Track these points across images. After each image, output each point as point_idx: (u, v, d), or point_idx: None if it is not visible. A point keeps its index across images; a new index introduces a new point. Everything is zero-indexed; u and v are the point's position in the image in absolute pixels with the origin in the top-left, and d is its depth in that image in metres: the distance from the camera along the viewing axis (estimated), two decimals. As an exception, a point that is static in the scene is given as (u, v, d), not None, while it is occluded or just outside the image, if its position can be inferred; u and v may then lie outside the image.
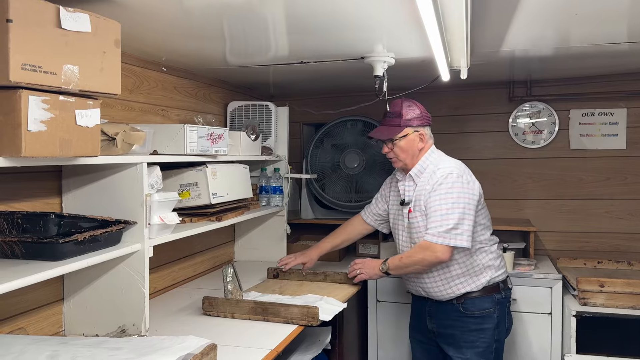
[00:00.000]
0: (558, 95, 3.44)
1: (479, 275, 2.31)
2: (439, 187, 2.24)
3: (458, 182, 2.23)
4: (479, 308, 2.31)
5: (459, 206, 2.19)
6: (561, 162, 3.47)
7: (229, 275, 2.32)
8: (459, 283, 2.31)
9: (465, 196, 2.22)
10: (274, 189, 3.15)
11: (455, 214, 2.18)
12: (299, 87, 3.51)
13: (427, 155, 2.38)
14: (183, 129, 2.11)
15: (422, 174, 2.36)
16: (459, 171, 2.28)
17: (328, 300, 2.31)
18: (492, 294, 2.33)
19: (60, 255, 1.58)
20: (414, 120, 2.36)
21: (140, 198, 1.88)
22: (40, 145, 1.33)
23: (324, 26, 1.93)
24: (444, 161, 2.36)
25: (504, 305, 2.38)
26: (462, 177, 2.26)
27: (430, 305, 2.41)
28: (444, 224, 2.18)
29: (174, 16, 1.82)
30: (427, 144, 2.39)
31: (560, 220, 3.46)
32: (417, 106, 2.39)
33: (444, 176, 2.25)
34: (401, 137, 2.35)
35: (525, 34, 2.16)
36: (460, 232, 2.18)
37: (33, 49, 1.27)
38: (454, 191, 2.22)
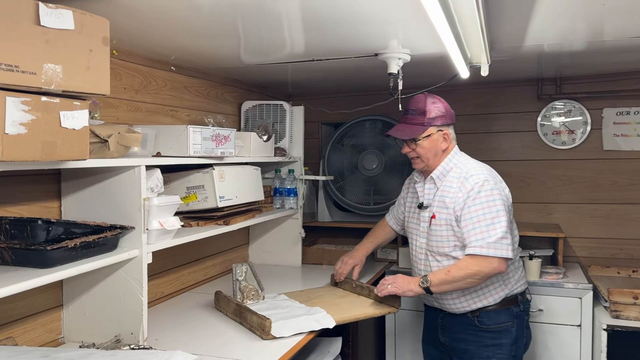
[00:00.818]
0: (590, 93, 3.24)
1: (497, 289, 2.16)
2: (478, 196, 2.06)
3: (497, 189, 2.08)
4: (495, 322, 2.16)
5: (503, 214, 2.05)
6: (593, 164, 3.27)
7: (241, 273, 2.33)
8: (476, 297, 2.16)
9: (505, 204, 2.08)
10: (288, 191, 3.05)
11: (502, 223, 2.03)
12: (315, 86, 3.41)
13: (451, 156, 2.22)
14: (186, 130, 2.03)
15: (444, 176, 2.20)
16: (493, 178, 2.13)
17: (321, 317, 2.07)
18: (510, 307, 2.18)
19: (49, 262, 1.52)
20: (439, 118, 2.19)
21: (138, 202, 1.81)
22: (20, 148, 1.27)
23: (336, 20, 1.81)
24: (472, 166, 2.18)
25: (522, 319, 2.22)
26: (497, 184, 2.11)
27: (443, 317, 2.26)
28: (492, 234, 2.02)
29: (182, 14, 1.74)
30: (451, 145, 2.24)
31: (592, 225, 3.26)
32: (441, 103, 2.22)
33: (479, 183, 2.08)
34: (424, 137, 2.18)
35: (552, 27, 2.01)
36: (509, 242, 2.03)
37: (8, 48, 1.20)
38: (495, 199, 2.06)
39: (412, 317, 3.02)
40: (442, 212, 2.15)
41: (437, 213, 2.17)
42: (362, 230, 3.52)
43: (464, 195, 2.09)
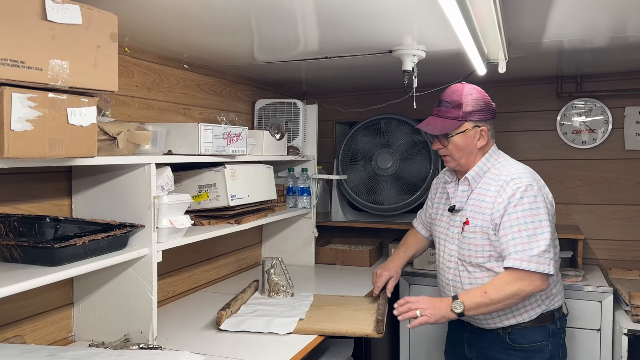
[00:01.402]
0: (612, 91, 3.15)
1: (533, 305, 1.93)
2: (520, 202, 1.84)
3: (541, 196, 1.87)
4: (529, 340, 1.93)
5: (547, 224, 1.84)
6: (615, 164, 3.18)
7: (271, 267, 2.38)
8: (509, 313, 1.93)
9: (549, 212, 1.88)
10: (302, 190, 3.02)
11: (545, 234, 1.82)
12: (329, 84, 3.37)
13: (489, 155, 2.00)
14: (197, 128, 2.01)
15: (480, 178, 1.98)
16: (537, 183, 1.90)
17: (284, 322, 2.00)
18: (545, 324, 1.95)
19: (58, 260, 1.51)
20: (476, 113, 1.95)
21: (148, 200, 1.79)
22: (26, 145, 1.25)
23: (350, 16, 1.78)
24: (514, 167, 1.96)
25: (558, 337, 1.99)
26: (542, 189, 1.90)
27: (470, 331, 2.06)
28: (533, 246, 1.80)
29: (195, 11, 1.72)
30: (489, 143, 2.01)
31: (613, 227, 3.17)
32: (481, 94, 1.99)
33: (522, 188, 1.85)
34: (459, 132, 1.96)
35: (572, 23, 1.95)
36: (551, 256, 1.82)
37: (14, 43, 1.19)
38: (539, 206, 1.84)
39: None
40: (477, 217, 1.93)
41: (471, 219, 1.95)
42: (376, 231, 3.51)
43: (504, 201, 1.87)
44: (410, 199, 3.28)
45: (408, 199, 3.29)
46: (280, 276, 2.40)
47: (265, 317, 2.10)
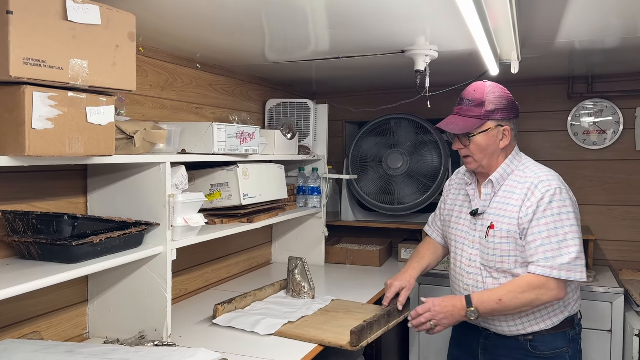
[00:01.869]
0: (623, 92, 3.14)
1: (556, 311, 1.87)
2: (549, 206, 1.78)
3: (569, 200, 1.81)
4: (551, 347, 1.87)
5: (577, 229, 1.78)
6: (625, 165, 3.17)
7: (295, 267, 2.39)
8: (533, 319, 1.87)
9: (578, 217, 1.82)
10: (312, 190, 3.03)
11: (576, 240, 1.76)
12: (340, 83, 3.38)
13: (512, 157, 1.93)
14: (211, 127, 2.02)
15: (504, 180, 1.91)
16: (564, 185, 1.85)
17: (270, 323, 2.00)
18: (566, 330, 1.90)
19: (74, 258, 1.53)
20: (499, 112, 1.87)
21: (163, 198, 1.81)
22: (46, 143, 1.27)
23: (363, 15, 1.79)
24: (540, 169, 1.90)
25: (577, 343, 1.95)
26: (568, 192, 1.84)
27: (486, 337, 1.96)
28: (563, 252, 1.74)
29: (207, 11, 1.74)
30: (512, 143, 1.94)
31: (624, 228, 3.16)
32: (504, 93, 1.91)
33: (551, 192, 1.79)
34: (481, 132, 1.88)
35: (585, 23, 1.94)
36: (583, 262, 1.76)
37: (36, 43, 1.20)
38: (569, 211, 1.78)
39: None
40: (502, 221, 1.86)
41: (495, 223, 1.87)
42: (386, 230, 3.51)
43: (532, 205, 1.80)
44: (421, 199, 3.28)
45: (418, 198, 3.29)
46: (302, 277, 2.41)
47: (259, 316, 2.10)
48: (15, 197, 1.68)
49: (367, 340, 1.87)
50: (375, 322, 1.93)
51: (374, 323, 1.92)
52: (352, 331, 1.82)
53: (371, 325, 1.90)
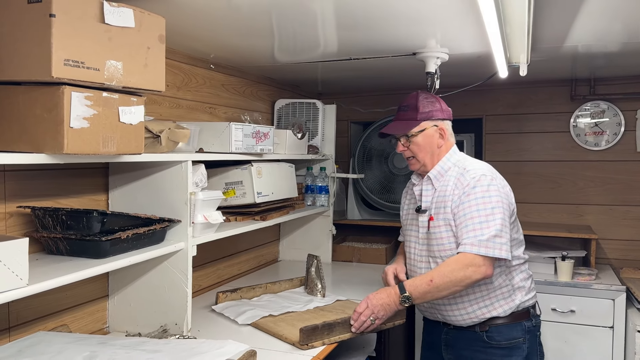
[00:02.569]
0: (625, 94, 3.21)
1: (507, 298, 1.96)
2: (472, 191, 1.90)
3: (494, 185, 1.91)
4: (507, 337, 1.95)
5: (499, 211, 1.87)
6: (626, 166, 3.24)
7: (312, 265, 2.44)
8: (484, 306, 1.95)
9: (503, 201, 1.90)
10: (320, 189, 3.08)
11: (497, 220, 1.85)
12: (347, 84, 3.43)
13: (449, 155, 2.05)
14: (229, 127, 2.07)
15: (442, 176, 2.03)
16: (492, 174, 1.96)
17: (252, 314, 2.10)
18: (522, 321, 1.97)
19: (103, 253, 1.58)
20: (432, 112, 2.03)
21: (184, 196, 1.86)
22: (83, 142, 1.32)
23: (375, 20, 1.85)
24: (471, 162, 2.03)
25: (534, 335, 2.01)
26: (496, 180, 1.94)
27: (447, 333, 2.04)
28: (485, 232, 1.83)
29: (223, 12, 1.79)
30: (448, 142, 2.07)
31: (625, 227, 3.24)
32: (435, 98, 2.07)
33: (476, 178, 1.92)
34: (418, 131, 2.02)
35: (590, 29, 2.00)
36: (504, 240, 1.85)
37: (76, 45, 1.25)
38: (491, 194, 1.89)
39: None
40: (440, 212, 1.98)
41: (435, 215, 1.99)
42: (391, 229, 3.56)
43: (459, 192, 1.93)
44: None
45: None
46: (317, 274, 2.46)
47: (252, 307, 2.22)
48: (42, 194, 1.72)
49: (323, 342, 1.85)
50: (339, 324, 1.91)
51: (336, 325, 1.90)
52: (301, 329, 1.82)
53: (330, 326, 1.88)
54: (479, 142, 3.59)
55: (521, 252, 2.03)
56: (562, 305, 2.82)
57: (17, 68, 1.24)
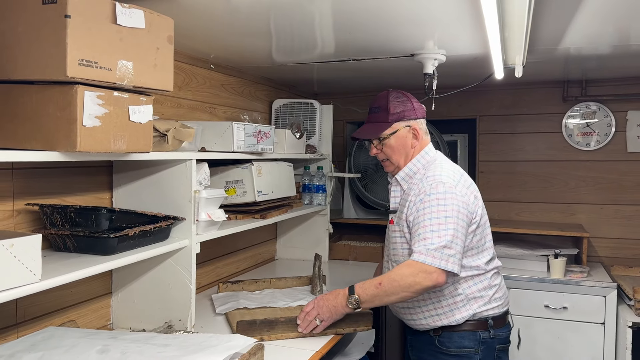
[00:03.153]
0: (615, 96, 3.28)
1: (460, 308, 1.89)
2: (428, 198, 1.83)
3: (451, 193, 1.82)
4: (458, 345, 1.89)
5: (452, 221, 1.78)
6: (617, 166, 3.31)
7: (315, 267, 2.44)
8: (435, 314, 1.90)
9: (460, 210, 1.81)
10: (317, 188, 3.12)
11: (449, 230, 1.76)
12: (343, 84, 3.47)
13: (420, 156, 1.99)
14: (231, 126, 2.10)
15: (410, 178, 1.98)
16: (452, 181, 1.86)
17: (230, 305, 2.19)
18: (477, 331, 1.89)
19: (111, 250, 1.60)
20: (404, 112, 1.97)
21: (189, 194, 1.88)
22: (95, 140, 1.34)
23: (373, 22, 1.89)
24: (436, 166, 1.94)
25: (491, 348, 1.91)
26: (455, 188, 1.85)
27: (412, 334, 2.03)
28: (435, 241, 1.75)
29: (222, 13, 1.82)
30: (422, 142, 2.01)
31: (616, 226, 3.31)
32: (407, 97, 2.01)
33: (433, 185, 1.84)
34: (390, 134, 1.97)
35: (584, 31, 2.05)
36: (453, 252, 1.76)
37: (90, 45, 1.27)
38: (447, 203, 1.80)
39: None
40: (399, 217, 1.94)
41: (395, 218, 1.97)
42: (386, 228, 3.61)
43: (417, 199, 1.87)
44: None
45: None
46: (317, 274, 2.48)
47: (243, 300, 2.32)
48: (48, 192, 1.74)
49: (261, 337, 1.86)
50: (281, 322, 1.92)
51: (278, 323, 1.91)
52: (238, 323, 1.86)
53: (271, 323, 1.90)
54: (472, 142, 3.65)
55: (483, 262, 1.92)
56: (555, 302, 2.88)
57: (31, 67, 1.27)
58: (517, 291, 2.93)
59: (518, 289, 2.93)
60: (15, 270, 1.24)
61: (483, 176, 3.59)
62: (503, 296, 1.98)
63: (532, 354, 2.93)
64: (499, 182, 3.56)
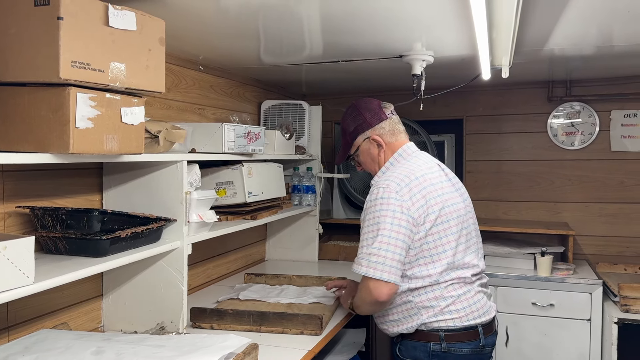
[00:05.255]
0: (599, 96, 3.34)
1: (412, 316, 1.85)
2: (368, 206, 1.84)
3: (389, 198, 1.78)
4: (410, 355, 1.88)
5: (386, 227, 1.74)
6: (601, 164, 3.37)
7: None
8: (393, 321, 1.91)
9: (396, 216, 1.76)
10: (307, 188, 3.13)
11: (381, 237, 1.74)
12: (332, 85, 3.49)
13: (393, 159, 2.00)
14: (221, 127, 2.11)
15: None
16: (396, 185, 1.82)
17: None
18: (427, 342, 1.84)
19: (102, 252, 1.60)
20: (357, 128, 2.01)
21: (180, 196, 1.88)
22: (87, 142, 1.34)
23: (362, 24, 1.91)
24: (388, 172, 1.94)
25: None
26: (395, 192, 1.79)
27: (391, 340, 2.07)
28: (364, 249, 1.76)
29: (211, 15, 1.83)
30: (391, 144, 2.01)
31: (600, 224, 3.37)
32: (357, 110, 2.03)
33: (375, 192, 1.83)
34: (354, 152, 2.06)
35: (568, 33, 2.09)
36: (378, 260, 1.72)
37: (82, 47, 1.28)
38: (382, 209, 1.77)
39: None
40: None
41: None
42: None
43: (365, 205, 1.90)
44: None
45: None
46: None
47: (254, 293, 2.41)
48: (38, 194, 1.73)
49: (211, 326, 2.02)
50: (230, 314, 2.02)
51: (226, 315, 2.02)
52: (191, 309, 2.05)
53: (220, 314, 2.03)
54: (459, 142, 3.69)
55: (436, 272, 1.82)
56: (542, 300, 2.93)
57: (23, 69, 1.27)
58: (504, 289, 2.97)
59: (505, 286, 2.97)
60: (8, 273, 1.23)
61: (470, 176, 3.63)
62: (464, 309, 1.84)
63: (520, 351, 2.98)
64: (486, 181, 3.60)
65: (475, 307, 1.87)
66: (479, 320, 1.86)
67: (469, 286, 1.88)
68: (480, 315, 1.87)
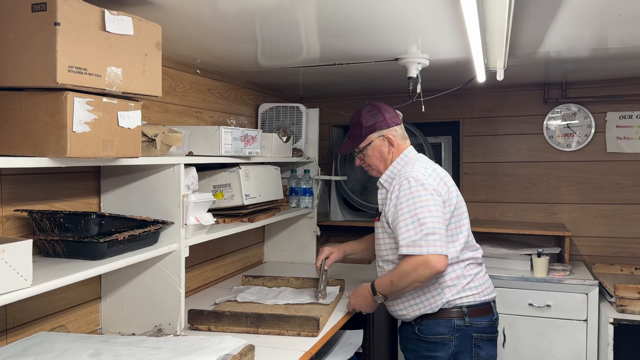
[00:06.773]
0: (594, 97, 3.36)
1: (436, 296, 2.01)
2: (402, 194, 1.98)
3: (422, 185, 1.96)
4: (433, 332, 2.02)
5: (427, 210, 1.92)
6: (597, 166, 3.39)
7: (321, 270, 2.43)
8: (414, 304, 2.04)
9: (434, 198, 1.95)
10: (304, 191, 3.15)
11: (427, 219, 1.90)
12: (329, 88, 3.51)
13: (400, 159, 2.14)
14: (218, 130, 2.12)
15: (392, 180, 2.11)
16: (422, 175, 2.00)
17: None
18: (452, 319, 2.01)
19: (100, 255, 1.61)
20: (376, 124, 2.14)
21: (177, 198, 1.90)
22: (84, 146, 1.36)
23: (358, 28, 1.93)
24: (410, 166, 2.08)
25: (467, 335, 2.01)
26: (426, 179, 1.99)
27: (399, 326, 2.22)
28: (417, 231, 1.89)
29: (208, 19, 1.84)
30: (400, 146, 2.16)
31: (596, 225, 3.38)
32: (378, 109, 2.17)
33: (404, 182, 1.99)
34: (365, 146, 2.16)
35: (562, 35, 2.11)
36: (437, 237, 1.88)
37: (79, 52, 1.29)
38: (420, 194, 1.94)
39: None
40: (382, 215, 2.10)
41: (380, 217, 2.12)
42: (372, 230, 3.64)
43: (393, 197, 2.03)
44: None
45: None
46: (322, 278, 2.45)
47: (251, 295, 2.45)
48: (36, 198, 1.75)
49: (209, 328, 2.04)
50: (227, 316, 2.04)
51: (224, 317, 2.05)
52: (189, 310, 2.07)
53: (218, 316, 2.05)
54: (456, 144, 3.70)
55: (456, 250, 2.01)
56: (539, 300, 2.94)
57: (21, 74, 1.28)
58: (501, 290, 2.98)
59: (502, 287, 2.98)
60: (6, 276, 1.25)
61: (467, 177, 3.64)
62: (480, 286, 2.08)
63: (517, 352, 2.99)
64: (483, 183, 3.62)
65: (487, 285, 2.12)
66: (491, 296, 2.12)
67: (480, 267, 2.12)
68: (490, 292, 2.12)
